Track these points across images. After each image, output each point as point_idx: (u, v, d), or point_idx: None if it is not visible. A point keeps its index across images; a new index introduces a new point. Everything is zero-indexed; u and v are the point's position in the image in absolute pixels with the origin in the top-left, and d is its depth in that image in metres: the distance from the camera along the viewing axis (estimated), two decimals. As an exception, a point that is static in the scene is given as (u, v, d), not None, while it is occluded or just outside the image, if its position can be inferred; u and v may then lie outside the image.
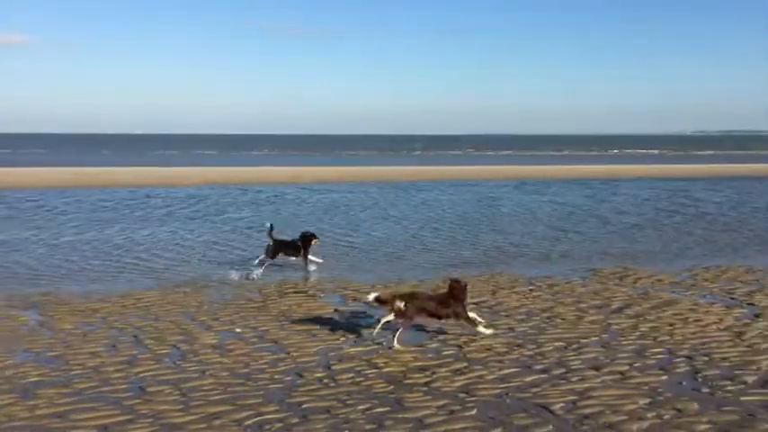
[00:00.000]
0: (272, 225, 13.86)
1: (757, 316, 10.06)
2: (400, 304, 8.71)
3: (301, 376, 7.69)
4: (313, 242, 13.49)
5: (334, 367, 7.96)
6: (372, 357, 8.29)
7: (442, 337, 9.08)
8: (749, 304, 10.74)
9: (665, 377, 7.60)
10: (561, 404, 6.87)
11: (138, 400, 7.03)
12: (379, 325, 8.93)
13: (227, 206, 24.29)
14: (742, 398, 7.00)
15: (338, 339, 9.01)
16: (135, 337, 9.16)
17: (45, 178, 34.69)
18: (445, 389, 7.30)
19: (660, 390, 7.23)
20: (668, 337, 9.03)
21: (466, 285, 9.05)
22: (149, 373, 7.81)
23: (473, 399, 7.03)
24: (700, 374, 7.68)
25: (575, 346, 8.72)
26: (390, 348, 8.60)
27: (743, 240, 17.09)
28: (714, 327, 9.51)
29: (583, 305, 10.69)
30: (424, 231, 18.55)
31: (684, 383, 7.43)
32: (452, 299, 8.87)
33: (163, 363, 8.17)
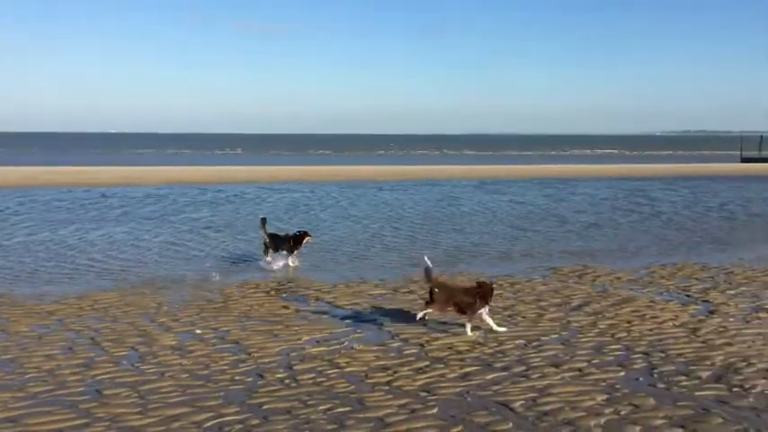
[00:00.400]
0: (263, 219, 14.05)
1: (712, 312, 10.28)
2: (434, 294, 9.23)
3: (262, 377, 7.63)
4: (306, 240, 13.74)
5: (295, 368, 7.91)
6: (334, 357, 8.26)
7: (404, 336, 9.10)
8: (704, 301, 10.98)
9: (622, 373, 7.73)
10: (521, 401, 6.93)
11: (94, 404, 6.90)
12: (421, 314, 9.38)
13: (186, 206, 23.93)
14: (696, 393, 7.16)
15: (300, 340, 8.96)
16: (92, 339, 8.98)
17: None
18: (407, 388, 7.31)
19: (618, 386, 7.35)
20: (626, 334, 9.19)
21: (493, 287, 9.33)
22: (107, 376, 7.66)
23: (434, 397, 7.05)
24: (656, 370, 7.82)
25: (535, 343, 8.81)
26: (352, 349, 8.59)
27: (697, 239, 17.45)
28: (670, 323, 9.70)
29: (543, 303, 10.81)
30: (385, 231, 18.54)
31: (641, 379, 7.56)
32: (480, 297, 9.14)
33: (121, 365, 8.03)
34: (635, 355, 8.34)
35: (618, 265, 13.90)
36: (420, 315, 9.48)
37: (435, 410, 6.74)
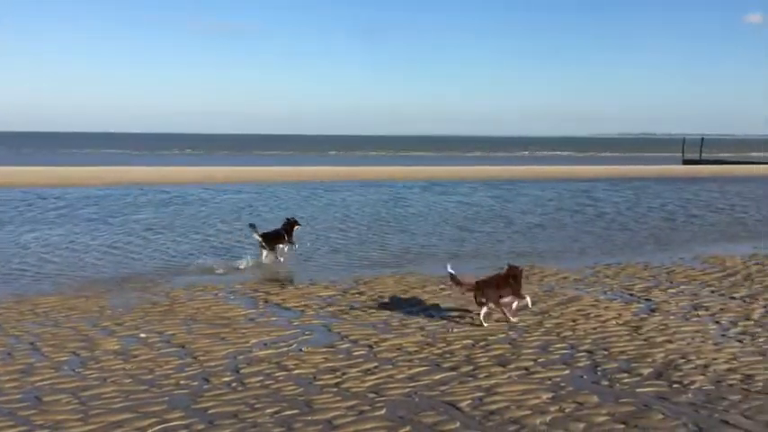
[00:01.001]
0: (252, 224, 14.59)
1: (653, 311, 10.55)
2: (475, 291, 9.71)
3: (208, 381, 7.52)
4: (295, 227, 14.34)
5: (242, 371, 7.82)
6: (282, 360, 8.20)
7: (353, 337, 9.09)
8: (646, 299, 11.26)
9: (567, 371, 7.87)
10: (468, 401, 7.00)
11: (33, 411, 6.70)
12: (482, 315, 9.68)
13: (125, 207, 23.34)
14: (638, 389, 7.33)
15: (248, 342, 8.86)
16: (32, 344, 8.72)
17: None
18: (355, 389, 7.30)
19: (562, 384, 7.48)
20: (571, 333, 9.36)
21: (522, 270, 9.97)
22: (47, 382, 7.45)
23: (382, 398, 7.06)
24: (599, 368, 7.99)
25: (482, 343, 8.90)
26: (300, 351, 8.54)
27: (639, 239, 17.87)
28: (614, 322, 9.91)
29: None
30: (332, 232, 18.46)
31: (585, 377, 7.71)
32: (513, 280, 9.73)
33: (61, 371, 7.82)
34: (579, 354, 8.50)
35: (564, 264, 14.14)
36: (483, 318, 9.68)
37: (383, 412, 6.75)
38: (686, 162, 66.16)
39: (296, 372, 7.82)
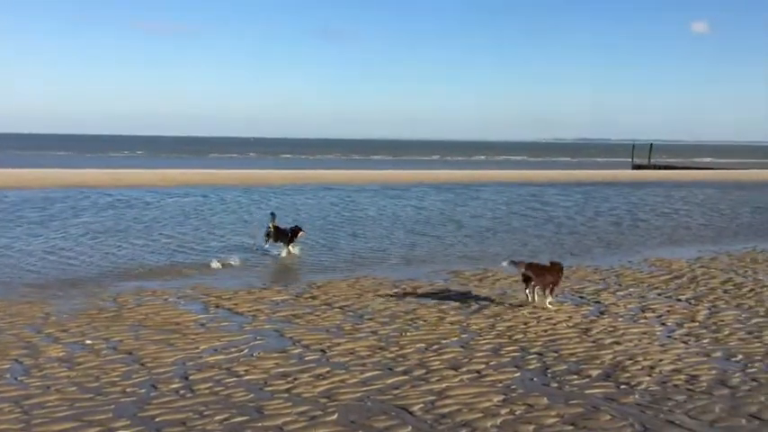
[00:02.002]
0: (273, 213, 16.13)
1: (602, 313, 10.74)
2: (527, 271, 10.96)
3: (156, 388, 7.36)
4: (300, 234, 15.60)
5: (191, 377, 7.68)
6: (233, 366, 8.08)
7: (306, 342, 9.02)
8: (596, 302, 11.45)
9: (518, 374, 7.94)
10: (420, 405, 7.00)
11: (-29, 422, 6.46)
12: (531, 295, 11.04)
13: (68, 210, 22.59)
14: (587, 391, 7.44)
15: (197, 348, 8.71)
16: (-30, 352, 8.42)
17: None
18: (306, 394, 7.24)
19: (513, 386, 7.55)
20: (522, 336, 9.45)
21: (562, 267, 11.32)
22: (-14, 392, 7.20)
23: (334, 403, 7.02)
24: (549, 370, 8.08)
25: (435, 346, 8.92)
26: (252, 356, 8.43)
27: (588, 242, 18.16)
28: (564, 324, 10.05)
29: (444, 307, 10.97)
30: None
31: (535, 379, 7.79)
32: (556, 273, 11.09)
33: (3, 379, 7.57)
34: (530, 356, 8.59)
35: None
36: (529, 294, 11.13)
37: (335, 417, 6.70)
38: (636, 167, 67.65)
39: (247, 377, 7.72)
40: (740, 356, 8.68)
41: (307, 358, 8.40)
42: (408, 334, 9.44)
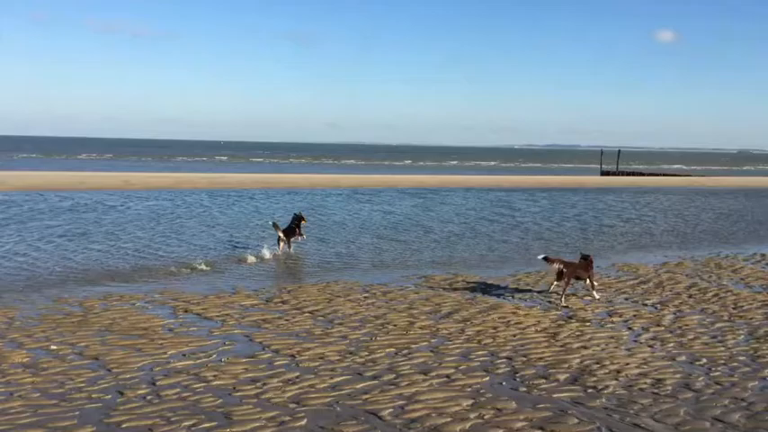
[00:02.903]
0: (274, 222, 17.24)
1: (570, 317, 10.85)
2: (560, 266, 12.07)
3: (122, 394, 7.26)
4: (303, 222, 16.81)
5: (159, 383, 7.60)
6: (201, 371, 8.01)
7: (275, 347, 8.97)
8: (564, 307, 11.56)
9: (487, 378, 7.99)
10: (390, 409, 7.00)
11: (-70, 430, 6.31)
12: (562, 290, 12.05)
13: (26, 213, 22.18)
14: (554, 395, 7.51)
15: (165, 353, 8.62)
16: (-70, 358, 8.23)
17: None
18: (276, 400, 7.20)
19: (482, 391, 7.59)
20: (491, 340, 9.51)
21: (592, 259, 12.50)
22: (-54, 399, 7.03)
23: (304, 409, 6.99)
24: (518, 374, 8.15)
25: (405, 351, 8.94)
26: (221, 361, 8.36)
27: (555, 248, 18.31)
28: (533, 329, 10.14)
29: (414, 311, 11.00)
30: (252, 240, 18.09)
31: (504, 384, 7.85)
32: (589, 267, 12.29)
33: (-37, 386, 7.40)
34: (499, 360, 8.65)
35: (487, 273, 14.37)
36: (553, 288, 12.42)
37: (304, 422, 6.68)
38: (604, 173, 68.61)
39: (215, 383, 7.66)
40: (704, 360, 8.83)
41: (276, 363, 8.36)
42: (378, 339, 9.44)
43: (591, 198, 34.69)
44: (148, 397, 7.20)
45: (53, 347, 8.76)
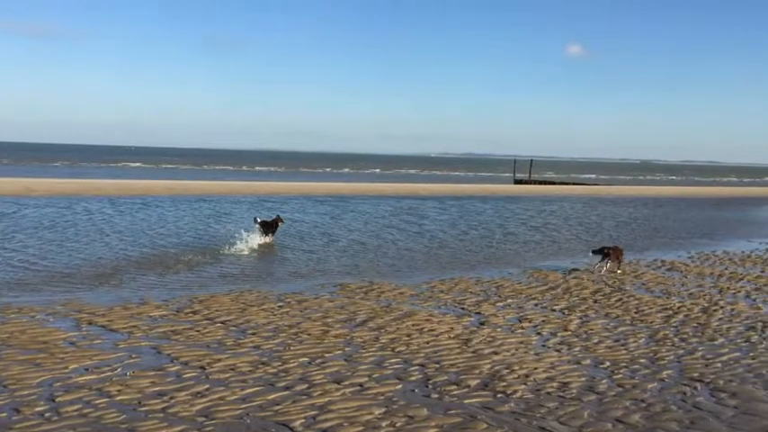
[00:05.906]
0: (255, 218, 20.10)
1: (482, 324, 11.05)
2: (607, 250, 16.32)
3: (19, 411, 6.88)
4: (280, 224, 19.73)
5: (58, 399, 7.24)
6: (104, 386, 7.68)
7: (184, 359, 8.72)
8: (476, 313, 11.77)
9: (399, 386, 8.02)
10: (302, 420, 6.92)
11: None
12: (605, 269, 16.01)
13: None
14: (465, 401, 7.62)
15: (66, 368, 8.23)
16: None
17: None
18: (183, 413, 7.00)
19: (395, 398, 7.61)
20: (405, 348, 9.56)
21: (622, 250, 16.89)
22: None
23: (212, 422, 6.82)
24: (431, 381, 8.22)
25: (319, 360, 8.87)
26: (126, 375, 8.06)
27: (464, 256, 18.56)
28: (446, 335, 10.26)
29: (329, 320, 10.94)
30: (155, 249, 17.59)
31: (417, 391, 7.90)
32: (620, 254, 16.54)
33: None
34: (412, 368, 8.70)
35: (403, 280, 14.48)
36: (600, 268, 16.07)
37: (213, 436, 6.51)
38: (517, 182, 70.53)
39: (119, 398, 7.37)
40: (608, 363, 9.17)
41: (185, 376, 8.13)
42: (292, 348, 9.34)
43: (500, 206, 35.54)
44: (47, 414, 6.86)
45: (-58, 364, 8.23)
